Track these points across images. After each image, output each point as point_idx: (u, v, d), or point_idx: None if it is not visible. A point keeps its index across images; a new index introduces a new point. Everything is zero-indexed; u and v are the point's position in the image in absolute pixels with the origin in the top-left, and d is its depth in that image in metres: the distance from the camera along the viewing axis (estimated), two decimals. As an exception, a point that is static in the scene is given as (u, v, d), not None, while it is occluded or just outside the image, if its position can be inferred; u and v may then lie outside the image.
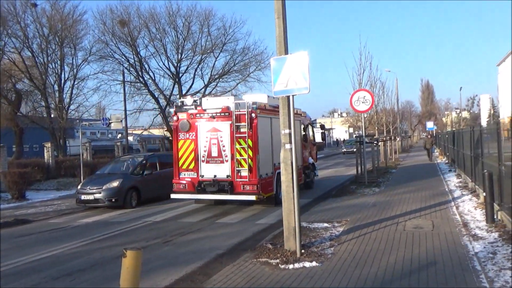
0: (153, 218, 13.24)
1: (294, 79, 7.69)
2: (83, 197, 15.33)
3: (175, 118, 14.15)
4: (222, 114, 13.44)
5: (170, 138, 36.55)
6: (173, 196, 14.16)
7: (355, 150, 55.05)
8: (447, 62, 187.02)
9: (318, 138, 25.40)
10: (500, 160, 9.04)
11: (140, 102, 35.43)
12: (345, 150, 53.27)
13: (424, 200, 13.15)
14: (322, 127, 22.15)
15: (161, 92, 35.55)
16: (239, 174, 13.23)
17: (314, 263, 7.21)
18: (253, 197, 13.01)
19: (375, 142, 24.22)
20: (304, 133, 17.88)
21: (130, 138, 45.82)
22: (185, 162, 13.97)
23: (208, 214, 13.57)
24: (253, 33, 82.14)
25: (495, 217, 9.35)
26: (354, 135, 58.29)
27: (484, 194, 9.52)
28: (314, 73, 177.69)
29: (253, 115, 13.12)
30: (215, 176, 13.55)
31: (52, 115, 33.93)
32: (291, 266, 7.15)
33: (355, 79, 23.36)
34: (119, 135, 50.68)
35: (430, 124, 57.40)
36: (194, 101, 13.76)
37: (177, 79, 36.18)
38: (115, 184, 15.30)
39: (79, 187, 16.04)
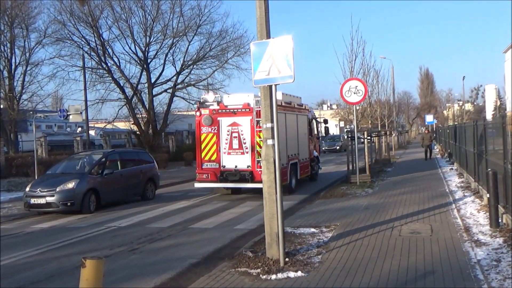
0: (117, 223, 13.18)
1: (277, 67, 7.71)
2: (32, 201, 14.92)
3: (197, 113, 17.21)
4: (242, 109, 16.61)
5: (138, 132, 36.47)
6: (196, 185, 17.35)
7: (338, 148, 54.70)
8: (448, 48, 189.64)
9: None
10: (506, 158, 9.19)
11: (103, 92, 35.07)
12: (325, 148, 49.46)
13: (422, 202, 13.36)
14: (325, 121, 24.40)
15: (127, 80, 35.27)
16: (259, 164, 15.90)
17: (299, 273, 7.27)
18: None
19: (369, 138, 24.43)
20: (309, 127, 20.88)
21: (92, 133, 45.40)
22: (207, 154, 17.08)
23: (180, 218, 13.57)
24: (231, 14, 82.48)
25: (499, 220, 9.52)
26: (345, 130, 58.15)
27: (488, 195, 9.68)
28: (300, 60, 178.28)
29: None
30: (236, 166, 16.74)
31: (1, 106, 33.36)
32: (273, 277, 7.19)
33: (346, 66, 23.50)
34: (79, 129, 50.17)
35: (429, 118, 58.28)
36: (216, 97, 17.11)
37: (145, 66, 35.95)
38: (70, 185, 14.99)
39: (27, 189, 15.59)
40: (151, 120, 36.33)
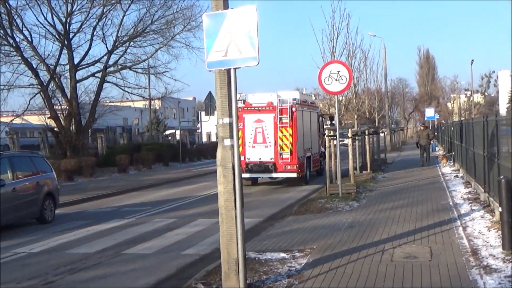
0: (27, 249, 12.95)
1: (237, 45, 7.71)
2: None
3: None
4: (266, 107, 23.27)
5: (56, 128, 35.81)
6: None
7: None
8: (454, 26, 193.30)
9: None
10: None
11: (10, 75, 34.26)
12: None
13: (420, 219, 13.59)
14: (331, 118, 28.22)
15: (42, 61, 34.54)
16: (281, 156, 23.02)
17: (264, 311, 7.28)
18: (294, 175, 23.22)
19: (355, 136, 24.72)
20: (318, 123, 27.35)
21: (-5, 129, 44.36)
22: None
23: (111, 241, 13.43)
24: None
25: (514, 241, 9.71)
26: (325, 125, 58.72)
27: (500, 209, 9.86)
28: (267, 37, 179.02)
29: (293, 109, 23.22)
30: (260, 158, 23.35)
31: None
32: (231, 316, 7.18)
33: (326, 46, 23.64)
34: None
35: (430, 112, 59.24)
36: (241, 96, 23.17)
37: (66, 42, 35.29)
38: None
39: None
40: (74, 113, 35.66)
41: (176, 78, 43.93)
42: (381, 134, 42.91)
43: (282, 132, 23.02)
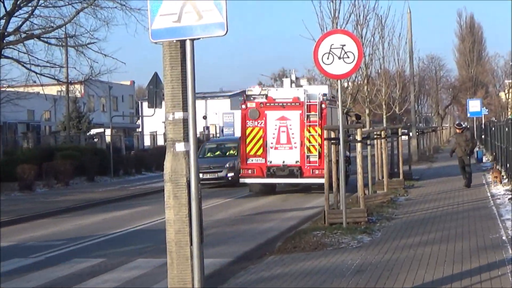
0: None
1: (195, 7, 7.70)
2: None
3: (243, 106, 29.12)
4: (292, 103, 28.13)
5: None
6: (241, 180, 30.04)
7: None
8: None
9: None
10: None
11: None
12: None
13: (459, 260, 13.63)
14: (358, 117, 33.49)
15: None
16: (308, 159, 27.48)
17: None
18: (323, 181, 21.92)
19: (367, 140, 24.80)
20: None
21: None
22: (252, 149, 28.82)
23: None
24: None
25: None
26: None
27: None
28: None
29: (323, 105, 27.85)
30: (283, 161, 28.13)
31: None
32: None
33: (325, 9, 23.79)
34: None
35: (474, 105, 59.33)
36: (263, 90, 28.88)
37: None
38: None
39: None
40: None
41: (107, 53, 43.48)
42: (404, 137, 42.86)
43: (310, 132, 27.81)
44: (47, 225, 23.50)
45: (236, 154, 36.29)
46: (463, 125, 36.23)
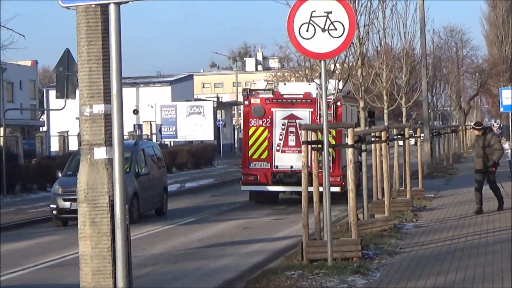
0: None
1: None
2: None
3: (246, 102, 33.19)
4: (302, 100, 32.35)
5: None
6: (243, 188, 34.28)
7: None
8: None
9: None
10: None
11: None
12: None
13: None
14: (371, 114, 34.52)
15: None
16: (320, 165, 25.11)
17: None
18: (337, 189, 29.07)
19: (360, 144, 24.95)
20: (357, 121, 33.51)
21: None
22: (256, 151, 32.80)
23: None
24: None
25: None
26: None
27: None
28: None
29: (339, 103, 31.08)
30: (291, 166, 31.87)
31: None
32: None
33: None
34: None
35: (508, 96, 59.92)
36: (269, 84, 35.03)
37: None
38: None
39: None
40: None
41: (-1, 22, 43.30)
42: (412, 141, 42.98)
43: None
44: None
45: (128, 170, 29.08)
46: (482, 126, 34.31)
